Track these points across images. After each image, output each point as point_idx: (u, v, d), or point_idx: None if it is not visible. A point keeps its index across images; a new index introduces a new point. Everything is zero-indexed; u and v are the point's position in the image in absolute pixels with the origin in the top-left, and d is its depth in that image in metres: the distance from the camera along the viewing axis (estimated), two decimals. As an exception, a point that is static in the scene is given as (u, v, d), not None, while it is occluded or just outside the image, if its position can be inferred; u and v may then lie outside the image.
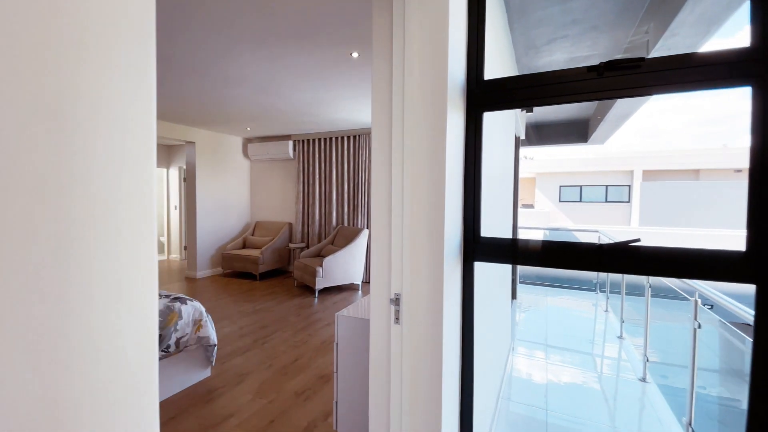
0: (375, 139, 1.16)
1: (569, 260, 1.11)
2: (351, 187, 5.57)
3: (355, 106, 4.15)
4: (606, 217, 13.25)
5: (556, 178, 13.78)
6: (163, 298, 2.39)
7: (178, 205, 7.37)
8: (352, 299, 4.54)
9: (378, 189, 1.15)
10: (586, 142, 5.20)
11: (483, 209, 1.27)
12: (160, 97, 3.85)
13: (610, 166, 13.56)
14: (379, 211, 1.13)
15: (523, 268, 5.13)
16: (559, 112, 4.81)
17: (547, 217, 12.33)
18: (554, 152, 17.06)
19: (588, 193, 13.72)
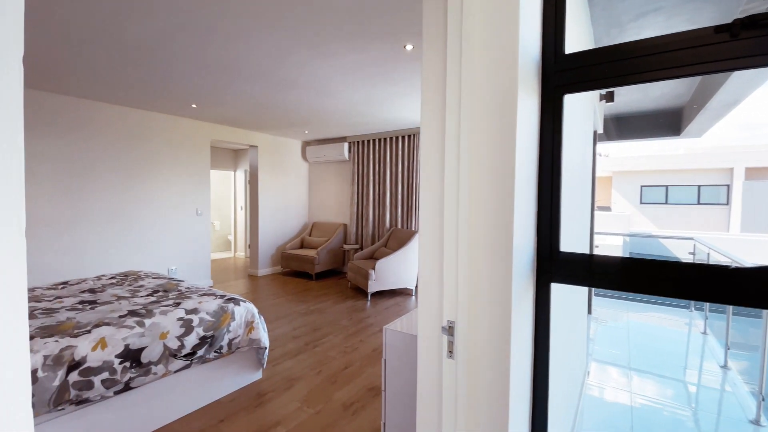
0: (424, 132, 0.98)
1: (702, 290, 0.82)
2: (405, 188, 5.41)
3: (409, 104, 3.98)
4: (698, 221, 11.53)
5: (637, 177, 12.30)
6: (218, 299, 2.43)
7: (243, 206, 7.80)
8: (405, 306, 4.37)
9: (427, 194, 0.97)
10: (678, 135, 4.47)
11: (562, 217, 1.02)
12: (225, 104, 4.02)
13: (704, 163, 11.78)
14: (429, 220, 0.94)
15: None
16: (646, 101, 4.18)
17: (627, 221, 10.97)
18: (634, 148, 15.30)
19: (676, 194, 12.05)
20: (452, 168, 0.88)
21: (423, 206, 0.97)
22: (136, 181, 4.35)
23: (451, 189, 0.88)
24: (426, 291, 0.95)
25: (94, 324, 1.92)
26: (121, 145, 4.18)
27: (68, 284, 2.79)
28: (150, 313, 2.11)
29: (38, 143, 3.56)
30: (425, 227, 0.96)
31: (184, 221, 4.87)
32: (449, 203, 0.88)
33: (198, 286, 2.77)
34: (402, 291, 4.99)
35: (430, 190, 0.96)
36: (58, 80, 3.24)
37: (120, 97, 3.78)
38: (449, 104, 0.90)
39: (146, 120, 4.41)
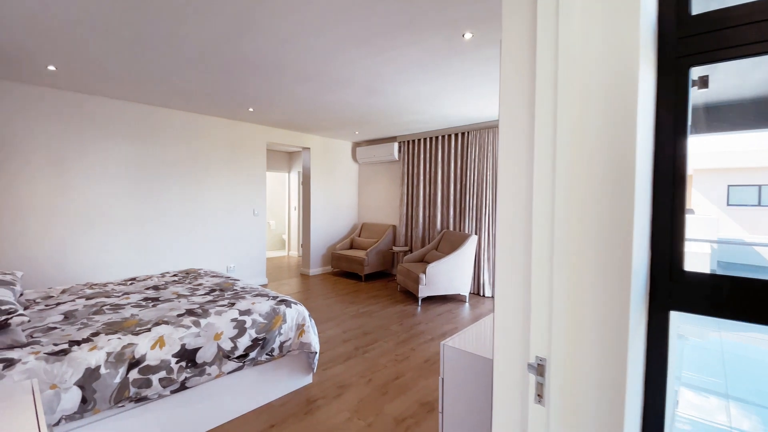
0: (505, 127, 0.81)
1: None
2: (458, 188, 5.17)
3: (464, 99, 3.76)
4: (804, 226, 9.84)
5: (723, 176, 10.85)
6: (270, 300, 2.41)
7: (297, 206, 8.00)
8: (458, 314, 4.14)
9: (507, 200, 0.80)
10: (789, 124, 3.77)
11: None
12: (280, 106, 4.08)
13: (813, 158, 10.03)
14: (510, 231, 0.77)
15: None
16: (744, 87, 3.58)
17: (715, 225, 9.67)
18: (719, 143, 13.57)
19: (774, 195, 10.41)
20: (544, 168, 0.71)
21: (502, 215, 0.80)
22: (199, 182, 4.58)
23: (543, 193, 0.70)
24: (505, 318, 0.78)
25: (154, 322, 1.97)
26: (185, 149, 4.43)
27: (136, 280, 2.96)
28: (206, 313, 2.13)
29: (111, 147, 3.85)
30: (505, 240, 0.79)
31: (242, 221, 5.06)
32: (540, 211, 0.71)
33: (252, 285, 2.79)
34: (454, 297, 4.76)
35: (510, 196, 0.79)
36: (127, 88, 3.48)
37: (184, 103, 3.99)
38: (541, 89, 0.72)
39: (208, 125, 4.63)
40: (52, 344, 1.65)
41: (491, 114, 4.40)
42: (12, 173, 3.26)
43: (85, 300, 2.36)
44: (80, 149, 3.63)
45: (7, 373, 1.42)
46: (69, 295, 2.50)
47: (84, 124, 3.65)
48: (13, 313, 1.59)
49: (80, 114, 3.62)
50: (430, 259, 4.84)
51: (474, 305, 4.45)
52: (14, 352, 1.54)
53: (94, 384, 1.59)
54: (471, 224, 4.99)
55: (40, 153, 3.40)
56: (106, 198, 3.82)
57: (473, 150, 4.97)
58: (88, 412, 1.57)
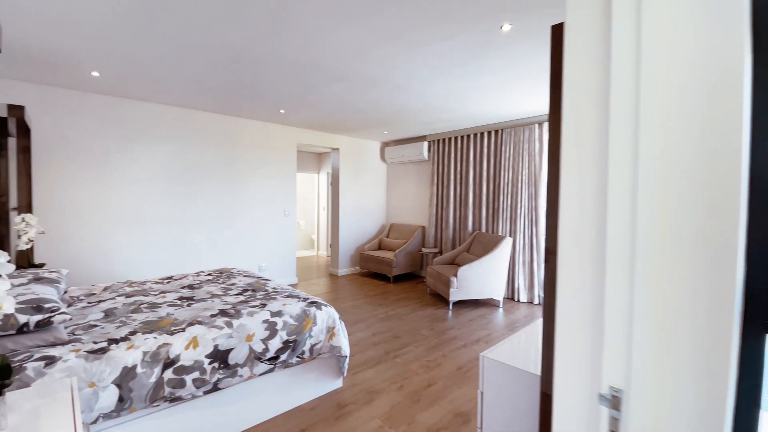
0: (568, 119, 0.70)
1: None
2: (491, 188, 4.99)
3: (499, 95, 3.60)
4: None
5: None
6: (301, 301, 2.39)
7: (326, 207, 8.06)
8: (492, 320, 3.98)
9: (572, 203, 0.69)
10: None
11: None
12: (310, 107, 4.09)
13: None
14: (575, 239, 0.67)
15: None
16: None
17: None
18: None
19: None
20: (623, 172, 0.60)
21: (565, 223, 0.69)
22: (232, 183, 4.67)
23: (620, 200, 0.60)
24: (568, 341, 0.67)
25: (188, 322, 1.98)
26: (219, 151, 4.53)
27: (172, 279, 3.03)
28: (238, 313, 2.13)
29: (151, 150, 3.99)
30: (568, 251, 0.68)
31: (273, 221, 5.12)
32: (617, 219, 0.60)
33: (283, 286, 2.79)
34: (487, 302, 4.59)
35: (575, 202, 0.68)
36: (165, 92, 3.58)
37: (219, 105, 4.07)
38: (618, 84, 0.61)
39: (241, 127, 4.72)
40: (92, 342, 1.69)
41: (528, 110, 4.20)
42: (61, 175, 3.44)
43: (125, 298, 2.43)
44: (122, 152, 3.79)
45: (48, 371, 1.46)
46: (110, 292, 2.58)
47: (126, 127, 3.80)
48: (55, 312, 1.64)
49: (122, 118, 3.78)
50: (461, 262, 4.70)
51: (508, 311, 4.27)
52: (56, 350, 1.58)
53: (131, 383, 1.60)
54: (505, 226, 4.80)
55: (86, 156, 3.57)
56: (146, 199, 3.97)
57: (507, 148, 4.77)
58: (124, 410, 1.59)
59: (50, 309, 1.64)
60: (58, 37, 2.35)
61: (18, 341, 1.56)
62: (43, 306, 1.63)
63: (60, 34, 2.31)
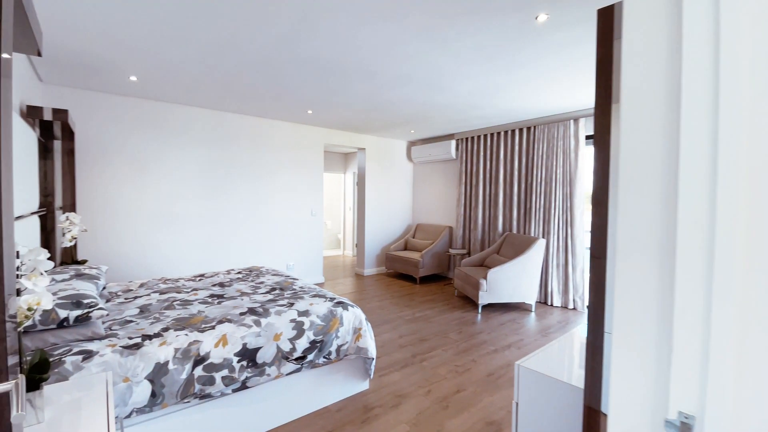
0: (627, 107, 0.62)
1: None
2: (523, 188, 4.81)
3: (533, 90, 3.45)
4: None
5: None
6: (327, 301, 2.37)
7: (352, 207, 8.08)
8: (523, 325, 3.82)
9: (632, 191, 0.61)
10: None
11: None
12: (337, 107, 4.09)
13: None
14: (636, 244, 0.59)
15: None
16: None
17: None
18: None
19: None
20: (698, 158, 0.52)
21: (624, 218, 0.61)
22: (262, 183, 4.76)
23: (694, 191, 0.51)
24: (627, 352, 0.59)
25: (218, 320, 2.00)
26: (249, 151, 4.62)
27: (204, 276, 3.10)
28: (266, 312, 2.14)
29: (186, 151, 4.12)
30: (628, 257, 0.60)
31: (300, 221, 5.18)
32: (690, 213, 0.52)
33: (310, 285, 2.79)
34: (518, 306, 4.43)
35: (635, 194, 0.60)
36: (199, 95, 3.68)
37: (249, 107, 4.15)
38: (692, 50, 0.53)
39: (271, 128, 4.80)
40: (127, 338, 1.74)
41: (563, 106, 4.01)
42: (102, 176, 3.61)
43: (159, 295, 2.50)
44: (158, 153, 3.93)
45: (86, 365, 1.50)
46: (146, 289, 2.67)
47: (162, 130, 3.95)
48: (93, 307, 1.69)
49: (158, 121, 3.92)
50: (491, 264, 4.56)
51: (541, 315, 4.09)
52: (94, 344, 1.63)
53: (163, 379, 1.63)
54: (537, 226, 4.61)
55: (125, 157, 3.73)
56: (180, 198, 4.10)
57: (541, 146, 4.58)
58: (156, 405, 1.62)
59: (89, 304, 1.70)
60: (99, 43, 2.45)
61: (58, 335, 1.62)
62: (82, 301, 1.69)
63: (101, 40, 2.40)
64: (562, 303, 4.44)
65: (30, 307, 1.07)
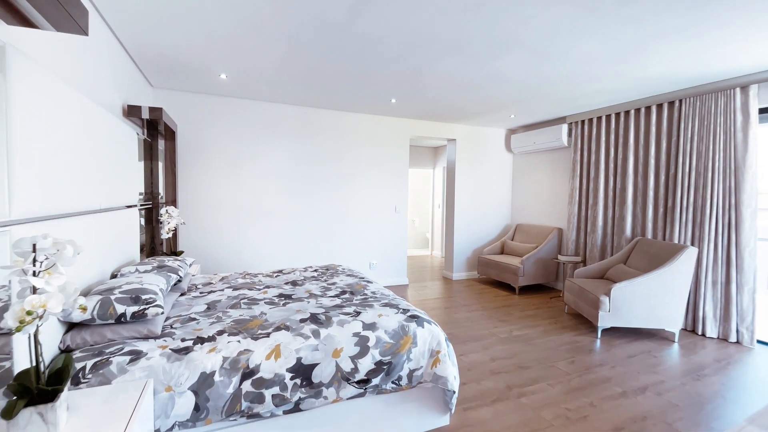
0: None
1: None
2: (662, 181, 3.73)
3: (681, 48, 2.52)
4: None
5: None
6: (399, 313, 1.98)
7: (441, 204, 7.59)
8: (664, 360, 2.88)
9: None
10: None
11: None
12: (424, 93, 3.69)
13: None
14: None
15: None
16: None
17: None
18: None
19: None
20: None
21: None
22: (345, 179, 4.62)
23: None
24: None
25: (275, 326, 1.78)
26: (333, 147, 4.52)
27: (282, 273, 3.01)
28: (328, 321, 1.85)
29: (274, 148, 4.18)
30: None
31: (384, 218, 4.92)
32: None
33: (383, 291, 2.44)
34: (655, 334, 3.42)
35: None
36: (283, 90, 3.65)
37: (329, 100, 4.01)
38: None
39: (354, 122, 4.63)
40: (180, 339, 1.61)
41: (724, 69, 2.91)
42: (200, 173, 3.84)
43: (232, 291, 2.43)
44: (250, 150, 4.06)
45: (130, 368, 1.38)
46: (224, 283, 2.65)
47: (253, 127, 4.06)
48: (150, 304, 1.60)
49: (249, 119, 4.04)
50: (615, 277, 3.63)
51: (689, 348, 3.06)
52: (146, 344, 1.53)
53: (208, 391, 1.44)
54: (684, 231, 3.51)
55: (220, 155, 3.92)
56: (269, 194, 4.18)
57: (689, 125, 3.47)
58: (200, 421, 1.44)
59: (146, 301, 1.61)
60: (191, 44, 2.48)
61: (116, 331, 1.55)
62: (141, 297, 1.61)
63: (192, 41, 2.42)
64: (719, 333, 3.29)
65: (31, 310, 0.92)
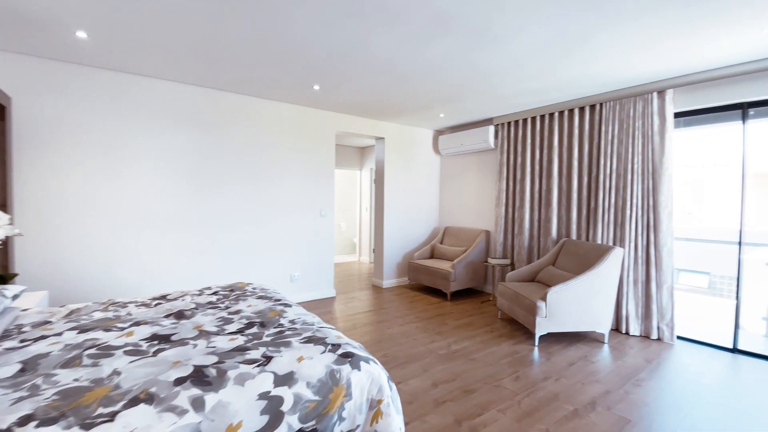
0: None
1: None
2: (585, 182, 3.80)
3: (620, 43, 2.46)
4: None
5: None
6: (328, 352, 1.47)
7: (369, 207, 7.20)
8: (601, 364, 2.81)
9: None
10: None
11: None
12: (352, 80, 3.21)
13: None
14: None
15: None
16: None
17: None
18: None
19: None
20: None
21: None
22: (261, 178, 3.93)
23: None
24: None
25: (132, 396, 1.13)
26: (244, 139, 3.80)
27: (165, 300, 2.26)
28: (221, 378, 1.26)
29: (159, 137, 3.32)
30: None
31: (308, 223, 4.32)
32: None
33: (306, 318, 1.90)
34: (586, 335, 3.41)
35: None
36: (170, 64, 2.87)
37: (240, 82, 3.31)
38: None
39: (270, 112, 3.97)
40: None
41: (644, 73, 2.98)
42: (51, 167, 2.83)
43: (76, 334, 1.66)
44: (125, 139, 3.14)
45: None
46: (68, 321, 1.84)
47: (137, 110, 3.16)
48: None
49: (132, 98, 3.14)
50: (547, 279, 3.56)
51: (618, 349, 3.07)
52: None
53: None
54: (606, 232, 3.59)
55: (86, 144, 2.95)
56: (157, 196, 3.30)
57: (610, 128, 3.57)
58: None
59: None
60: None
61: None
62: None
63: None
64: (641, 331, 3.40)
65: None
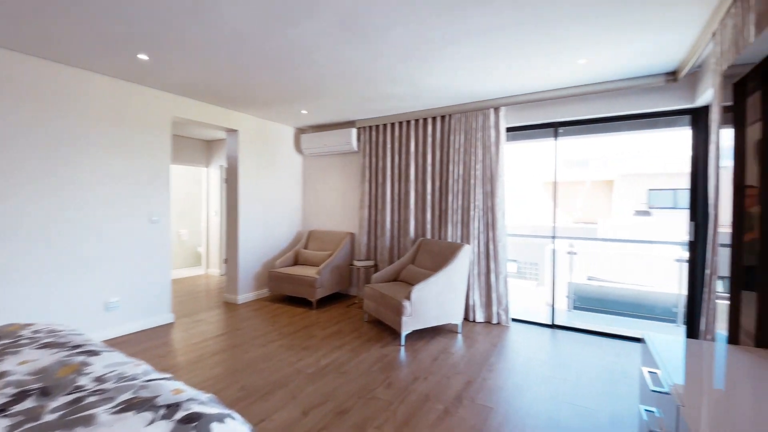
0: None
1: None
2: (438, 186, 4.12)
3: (474, 61, 2.70)
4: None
5: (648, 180, 11.51)
6: (159, 420, 1.03)
7: (218, 211, 6.27)
8: (459, 355, 3.04)
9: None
10: None
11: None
12: (192, 52, 2.61)
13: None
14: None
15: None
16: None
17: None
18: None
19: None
20: None
21: None
22: (62, 174, 2.84)
23: None
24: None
25: None
26: (41, 121, 2.68)
27: None
28: None
29: None
30: None
31: (133, 231, 3.38)
32: None
33: (124, 371, 1.35)
34: (442, 328, 3.66)
35: None
36: None
37: (39, 39, 2.29)
38: None
39: (79, 85, 2.92)
40: None
41: (485, 90, 3.41)
42: None
43: None
44: None
45: None
46: None
47: None
48: None
49: None
50: (409, 278, 3.70)
51: (470, 337, 3.40)
52: None
53: None
54: (455, 230, 3.97)
55: None
56: None
57: (457, 138, 3.96)
58: None
59: None
60: None
61: None
62: None
63: None
64: (485, 318, 3.88)
65: None
